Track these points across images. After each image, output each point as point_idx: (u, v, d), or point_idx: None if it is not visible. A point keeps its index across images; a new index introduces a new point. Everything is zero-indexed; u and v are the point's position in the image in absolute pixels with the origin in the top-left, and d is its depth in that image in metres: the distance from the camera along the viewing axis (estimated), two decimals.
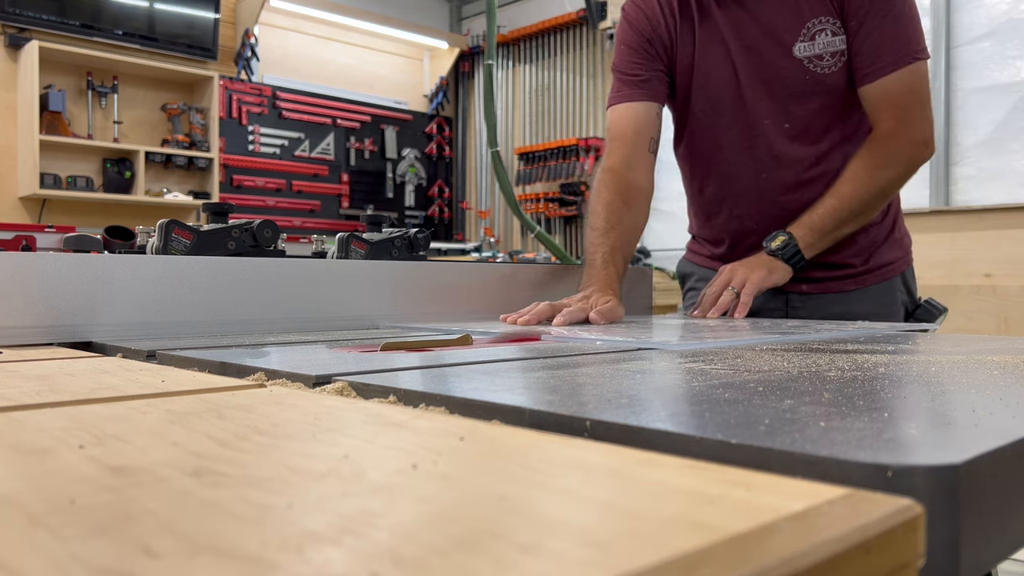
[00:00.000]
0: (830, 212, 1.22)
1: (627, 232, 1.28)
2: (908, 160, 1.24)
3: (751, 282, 1.20)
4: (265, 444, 0.33)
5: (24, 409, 0.42)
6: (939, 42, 3.46)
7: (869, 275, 1.35)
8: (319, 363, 0.59)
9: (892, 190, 1.25)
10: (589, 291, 1.14)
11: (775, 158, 1.31)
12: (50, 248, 1.36)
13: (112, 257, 0.87)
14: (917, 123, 1.23)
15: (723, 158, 1.36)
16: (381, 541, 0.21)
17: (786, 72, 1.27)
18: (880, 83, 1.22)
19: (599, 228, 1.27)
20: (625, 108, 1.35)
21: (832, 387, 0.46)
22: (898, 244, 1.38)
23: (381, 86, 5.68)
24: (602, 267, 1.20)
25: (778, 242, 1.24)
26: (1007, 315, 3.28)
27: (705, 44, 1.32)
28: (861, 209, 1.23)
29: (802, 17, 1.25)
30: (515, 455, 0.31)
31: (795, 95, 1.28)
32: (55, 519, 0.23)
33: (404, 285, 1.11)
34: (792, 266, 1.23)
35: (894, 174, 1.23)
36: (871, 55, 1.22)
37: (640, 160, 1.35)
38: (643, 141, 1.35)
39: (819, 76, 1.26)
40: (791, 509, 0.23)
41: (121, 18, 4.43)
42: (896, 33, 1.21)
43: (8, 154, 4.17)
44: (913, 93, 1.22)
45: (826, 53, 1.24)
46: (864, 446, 0.31)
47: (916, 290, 1.41)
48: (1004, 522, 0.30)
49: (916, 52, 1.22)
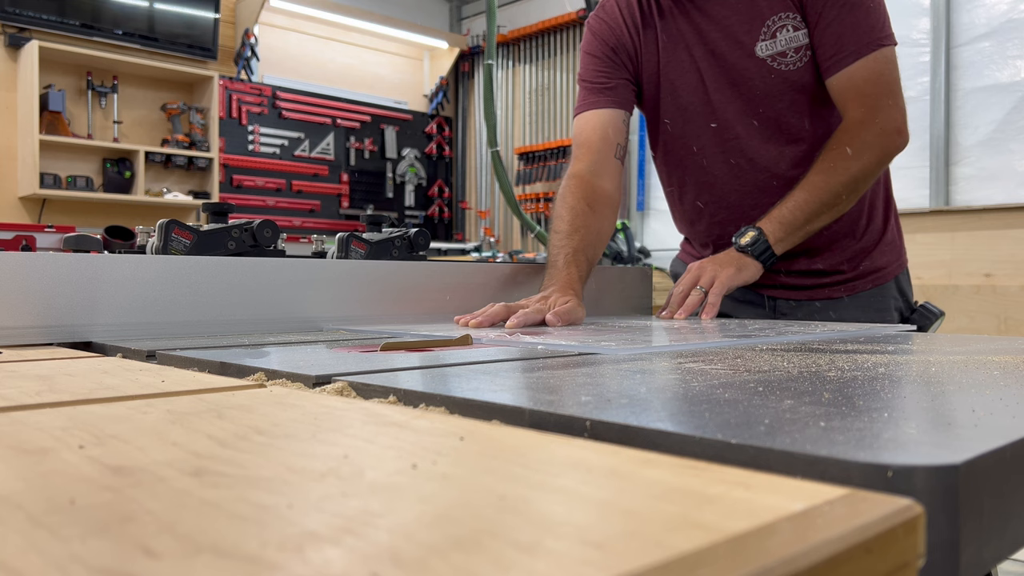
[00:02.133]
0: (800, 205, 1.18)
1: (591, 236, 1.25)
2: (880, 149, 1.20)
3: (719, 281, 1.16)
4: (265, 444, 0.33)
5: (24, 409, 0.42)
6: (939, 42, 3.46)
7: (860, 281, 1.33)
8: (319, 363, 0.59)
9: (865, 181, 1.21)
10: (549, 291, 1.11)
11: (750, 160, 1.29)
12: (50, 248, 1.36)
13: (112, 257, 0.87)
14: (887, 111, 1.20)
15: (698, 165, 1.34)
16: (381, 541, 0.21)
17: (751, 73, 1.25)
18: (845, 72, 1.20)
19: (562, 231, 1.24)
20: (592, 115, 1.34)
21: (832, 387, 0.46)
22: (890, 248, 1.36)
23: (381, 86, 5.68)
24: (564, 267, 1.17)
25: (747, 238, 1.20)
26: (1007, 315, 3.28)
27: (669, 52, 1.31)
28: (833, 201, 1.19)
29: (762, 16, 1.23)
30: (515, 455, 0.31)
31: (763, 95, 1.26)
32: (55, 519, 0.23)
33: (404, 285, 1.11)
34: (763, 262, 1.20)
35: (866, 164, 1.19)
36: (834, 45, 1.20)
37: (607, 167, 1.33)
38: (609, 148, 1.33)
39: (785, 73, 1.24)
40: (791, 509, 0.23)
41: (121, 18, 4.43)
42: (857, 21, 1.18)
43: (8, 154, 4.17)
44: (880, 80, 1.20)
45: (789, 49, 1.23)
46: (864, 446, 0.31)
47: (911, 294, 1.38)
48: (1004, 522, 0.30)
49: (880, 39, 1.20)
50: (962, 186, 3.45)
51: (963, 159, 3.45)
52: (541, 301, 1.07)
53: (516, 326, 0.98)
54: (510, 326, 0.98)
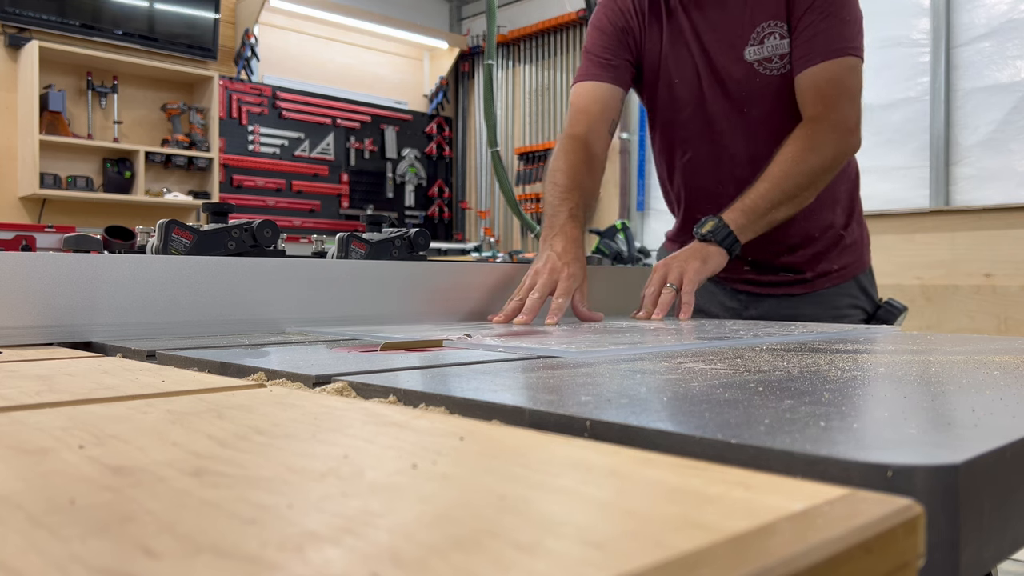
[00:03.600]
0: (762, 194, 1.22)
1: (588, 196, 1.31)
2: (835, 145, 1.24)
3: (688, 278, 1.18)
4: (265, 444, 0.33)
5: (24, 409, 0.42)
6: (939, 42, 3.46)
7: (819, 280, 1.39)
8: (319, 363, 0.59)
9: (823, 176, 1.25)
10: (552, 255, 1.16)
11: (732, 157, 1.36)
12: (50, 248, 1.36)
13: (112, 257, 0.87)
14: (843, 111, 1.25)
15: (686, 155, 1.41)
16: (381, 541, 0.21)
17: (739, 75, 1.32)
18: (809, 71, 1.26)
19: (562, 184, 1.28)
20: (593, 86, 1.40)
21: (832, 387, 0.46)
22: (851, 250, 1.41)
23: (381, 86, 5.68)
24: (568, 221, 1.22)
25: (708, 227, 1.22)
26: (1007, 315, 3.28)
27: (672, 44, 1.38)
28: (794, 191, 1.23)
29: (753, 21, 1.30)
30: (515, 455, 0.31)
31: (748, 97, 1.33)
32: (55, 519, 0.23)
33: (404, 285, 1.11)
34: (727, 249, 1.21)
35: (823, 159, 1.23)
36: (806, 47, 1.27)
37: (602, 135, 1.39)
38: (606, 120, 1.39)
39: (769, 78, 1.31)
40: (791, 509, 0.23)
41: (121, 18, 4.43)
42: (831, 30, 1.25)
43: (8, 154, 4.17)
44: (841, 83, 1.26)
45: (774, 56, 1.30)
46: (864, 446, 0.31)
47: (875, 292, 1.44)
48: (1004, 522, 0.30)
49: (848, 48, 1.26)
50: (962, 186, 3.45)
51: (963, 159, 3.45)
52: (549, 274, 1.12)
53: (527, 321, 1.05)
54: (519, 322, 1.06)
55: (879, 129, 3.61)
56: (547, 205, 1.28)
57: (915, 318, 3.49)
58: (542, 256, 1.17)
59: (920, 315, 3.48)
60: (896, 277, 3.53)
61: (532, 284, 1.11)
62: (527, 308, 1.07)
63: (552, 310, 1.08)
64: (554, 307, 1.08)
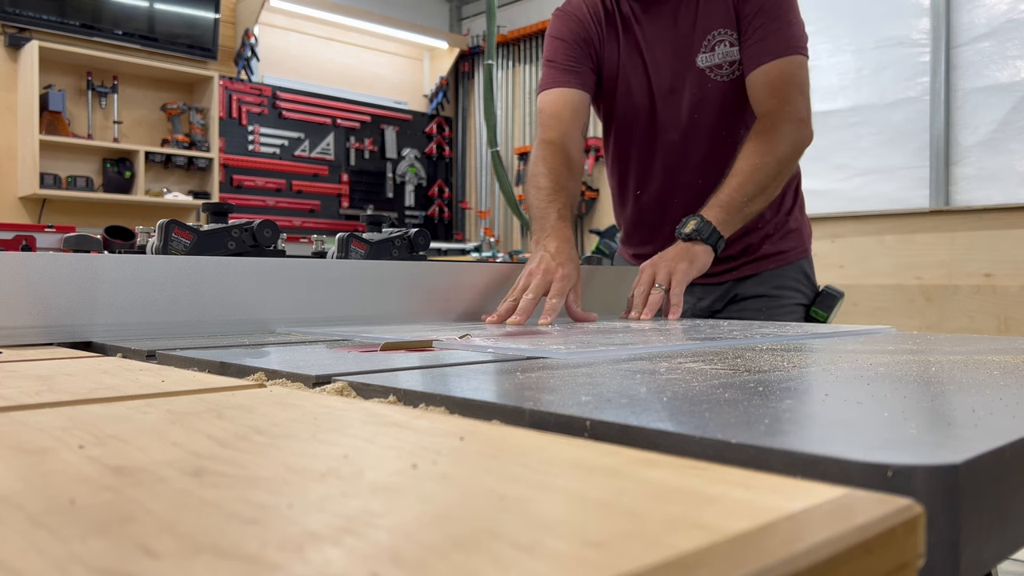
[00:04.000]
0: (736, 188, 1.24)
1: (571, 197, 1.32)
2: (792, 136, 1.29)
3: (676, 279, 1.18)
4: (265, 444, 0.33)
5: (24, 409, 0.42)
6: (939, 42, 3.46)
7: (763, 261, 1.45)
8: (319, 363, 0.59)
9: (787, 167, 1.29)
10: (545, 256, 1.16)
11: (682, 163, 1.41)
12: (50, 248, 1.36)
13: (112, 257, 0.87)
14: (795, 103, 1.30)
15: (639, 163, 1.45)
16: (381, 541, 0.21)
17: (690, 82, 1.37)
18: (761, 69, 1.32)
19: (547, 188, 1.29)
20: (560, 92, 1.42)
21: (832, 387, 0.46)
22: (793, 236, 1.48)
23: (381, 86, 5.68)
24: (557, 221, 1.23)
25: (691, 226, 1.23)
26: (1007, 315, 3.28)
27: (627, 55, 1.42)
28: (766, 182, 1.26)
29: (705, 29, 1.35)
30: (515, 455, 0.31)
31: (698, 103, 1.38)
32: (55, 519, 0.23)
33: (404, 285, 1.11)
34: (712, 246, 1.23)
35: (784, 149, 1.28)
36: (756, 48, 1.33)
37: (575, 138, 1.41)
38: (578, 124, 1.42)
39: (719, 84, 1.36)
40: (791, 509, 0.23)
41: (121, 18, 4.43)
42: (780, 31, 1.32)
43: (8, 154, 4.17)
44: (791, 78, 1.31)
45: (724, 62, 1.36)
46: (864, 446, 0.31)
47: (815, 279, 1.51)
48: (1004, 522, 0.30)
49: (796, 47, 1.32)
50: (962, 186, 3.45)
51: (963, 159, 3.45)
52: (543, 275, 1.12)
53: (521, 322, 1.05)
54: (512, 322, 1.06)
55: (879, 129, 3.62)
56: (533, 209, 1.29)
57: (915, 318, 3.49)
58: (536, 257, 1.17)
59: (920, 315, 3.48)
60: (896, 277, 3.53)
61: (526, 285, 1.12)
62: (521, 308, 1.07)
63: (546, 310, 1.08)
64: (548, 308, 1.09)
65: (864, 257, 3.62)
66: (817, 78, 3.79)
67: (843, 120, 3.70)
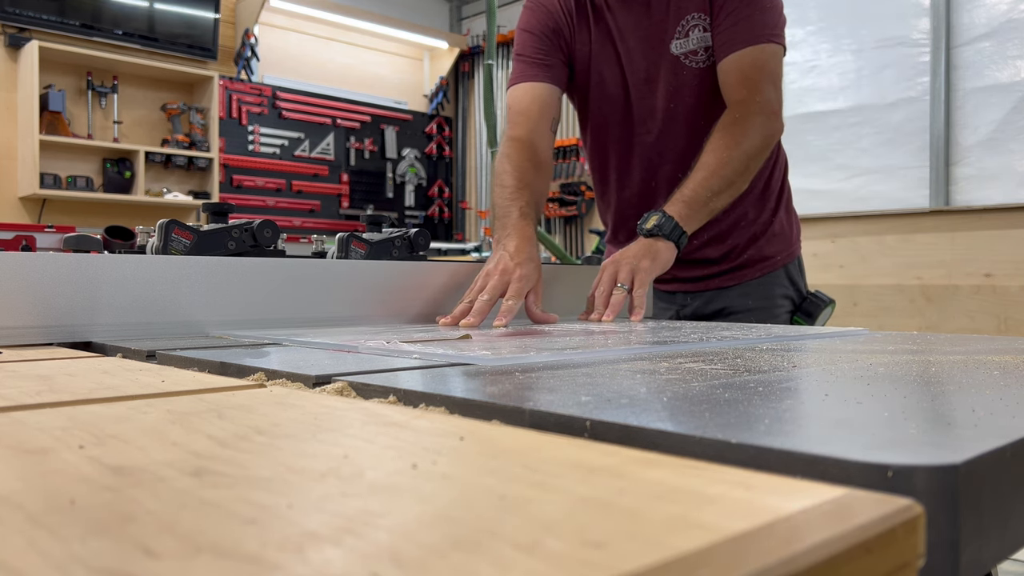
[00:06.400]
0: (700, 183, 1.20)
1: (537, 195, 1.29)
2: (762, 128, 1.25)
3: (639, 278, 1.14)
4: (265, 444, 0.33)
5: (24, 409, 0.42)
6: (939, 42, 3.46)
7: (748, 270, 1.40)
8: (319, 363, 0.59)
9: (755, 160, 1.25)
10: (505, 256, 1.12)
11: (659, 153, 1.37)
12: (50, 248, 1.36)
13: (112, 257, 0.87)
14: (766, 94, 1.26)
15: (617, 155, 1.42)
16: (381, 541, 0.21)
17: (665, 69, 1.33)
18: (733, 56, 1.27)
19: (510, 186, 1.26)
20: (529, 87, 1.39)
21: (832, 387, 0.46)
22: (780, 238, 1.42)
23: (381, 86, 5.68)
24: (519, 219, 1.19)
25: (652, 222, 1.19)
26: (1007, 315, 3.28)
27: (599, 45, 1.38)
28: (732, 177, 1.22)
29: (679, 15, 1.31)
30: (515, 455, 0.31)
31: (674, 91, 1.34)
32: (55, 519, 0.23)
33: (404, 285, 1.11)
34: (675, 242, 1.19)
35: (753, 142, 1.23)
36: (728, 34, 1.28)
37: (544, 134, 1.37)
38: (546, 119, 1.38)
39: (694, 71, 1.32)
40: (791, 509, 0.23)
41: (121, 18, 4.43)
42: (753, 17, 1.27)
43: (8, 154, 4.17)
44: (764, 67, 1.27)
45: (699, 48, 1.31)
46: (864, 446, 0.31)
47: (804, 283, 1.45)
48: (1004, 522, 0.30)
49: (770, 35, 1.27)
50: (962, 186, 3.45)
51: (963, 159, 3.45)
52: (500, 275, 1.08)
53: (475, 324, 1.01)
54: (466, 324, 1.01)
55: (879, 129, 3.61)
56: (496, 207, 1.25)
57: (915, 318, 3.49)
58: (495, 256, 1.13)
59: (920, 315, 3.48)
60: (896, 277, 3.53)
61: (483, 286, 1.07)
62: (475, 311, 1.02)
63: (501, 312, 1.04)
64: (504, 309, 1.04)
65: (864, 257, 3.62)
66: (817, 78, 3.80)
67: (843, 120, 3.70)
